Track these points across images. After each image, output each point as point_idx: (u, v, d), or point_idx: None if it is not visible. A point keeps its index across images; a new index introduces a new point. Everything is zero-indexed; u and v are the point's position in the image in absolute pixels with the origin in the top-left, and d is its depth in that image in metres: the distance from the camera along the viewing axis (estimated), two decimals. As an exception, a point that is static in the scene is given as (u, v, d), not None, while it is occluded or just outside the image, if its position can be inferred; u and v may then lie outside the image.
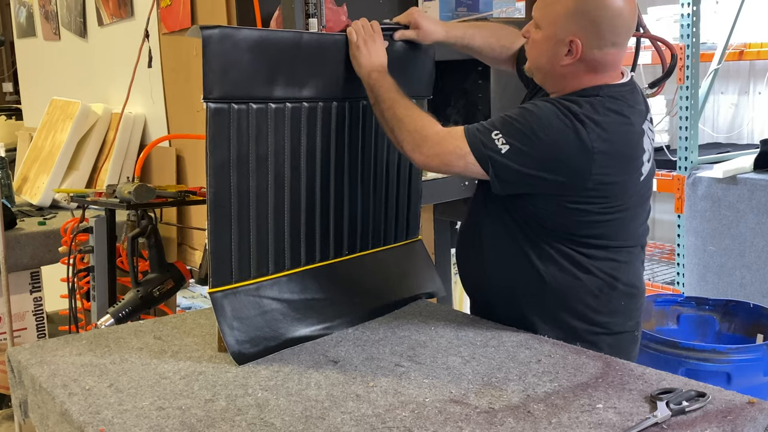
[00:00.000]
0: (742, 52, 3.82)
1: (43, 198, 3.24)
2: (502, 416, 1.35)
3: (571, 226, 1.73)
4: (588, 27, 1.66)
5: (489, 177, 1.67)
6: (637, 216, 1.79)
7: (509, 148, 1.64)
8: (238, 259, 1.69)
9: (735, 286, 3.52)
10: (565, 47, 1.68)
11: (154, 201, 2.26)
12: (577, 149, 1.63)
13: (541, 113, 1.66)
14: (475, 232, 1.88)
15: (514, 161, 1.65)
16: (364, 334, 1.79)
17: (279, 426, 1.34)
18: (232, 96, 1.64)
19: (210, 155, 1.63)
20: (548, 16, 1.70)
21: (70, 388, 1.52)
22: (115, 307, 2.19)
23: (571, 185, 1.67)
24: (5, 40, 5.49)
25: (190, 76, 2.73)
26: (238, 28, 1.69)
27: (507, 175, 1.66)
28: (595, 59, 1.69)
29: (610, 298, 1.77)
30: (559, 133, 1.63)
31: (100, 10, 3.38)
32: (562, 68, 1.70)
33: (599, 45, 1.68)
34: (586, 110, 1.64)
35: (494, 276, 1.83)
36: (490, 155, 1.65)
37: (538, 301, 1.77)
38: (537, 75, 1.79)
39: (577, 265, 1.74)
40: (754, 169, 3.51)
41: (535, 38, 1.74)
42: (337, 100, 1.84)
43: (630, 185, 1.72)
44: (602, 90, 1.70)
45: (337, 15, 2.23)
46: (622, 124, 1.68)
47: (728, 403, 1.37)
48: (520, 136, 1.65)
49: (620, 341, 1.78)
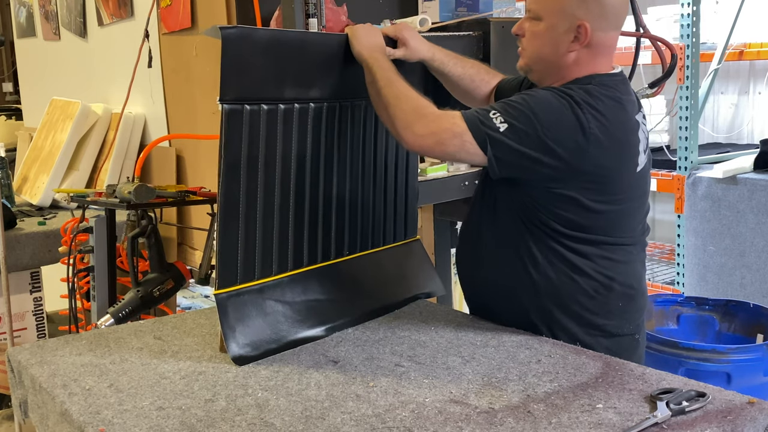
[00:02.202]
0: (742, 52, 3.82)
1: (43, 198, 3.25)
2: (502, 416, 1.35)
3: (567, 219, 1.71)
4: (595, 10, 1.68)
5: (487, 157, 1.66)
6: (634, 212, 1.78)
7: (508, 126, 1.63)
8: (243, 261, 1.69)
9: (735, 286, 3.52)
10: (572, 33, 1.69)
11: (154, 201, 2.26)
12: (574, 129, 1.63)
13: (539, 95, 1.68)
14: (473, 232, 1.88)
15: (513, 139, 1.64)
16: (364, 334, 1.79)
17: (279, 426, 1.34)
18: (246, 97, 1.63)
19: (223, 157, 1.61)
20: (549, 5, 1.71)
21: (70, 388, 1.52)
22: (115, 307, 2.19)
23: (568, 169, 1.66)
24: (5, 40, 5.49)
25: (190, 76, 2.73)
26: (254, 29, 1.68)
27: (505, 154, 1.65)
28: (600, 43, 1.71)
29: (607, 300, 1.76)
30: (557, 113, 1.64)
31: (100, 10, 3.38)
32: (568, 56, 1.71)
33: (605, 27, 1.70)
34: (581, 95, 1.66)
35: (491, 277, 1.83)
36: (488, 133, 1.64)
37: (534, 303, 1.76)
38: (537, 68, 1.78)
39: (571, 265, 1.73)
40: (754, 169, 3.51)
41: (536, 30, 1.73)
42: (340, 101, 1.84)
43: (626, 174, 1.72)
44: (594, 79, 1.71)
45: (337, 15, 2.23)
46: (617, 110, 1.69)
47: (728, 403, 1.37)
48: (518, 114, 1.64)
49: (618, 344, 1.76)
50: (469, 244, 1.91)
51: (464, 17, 2.47)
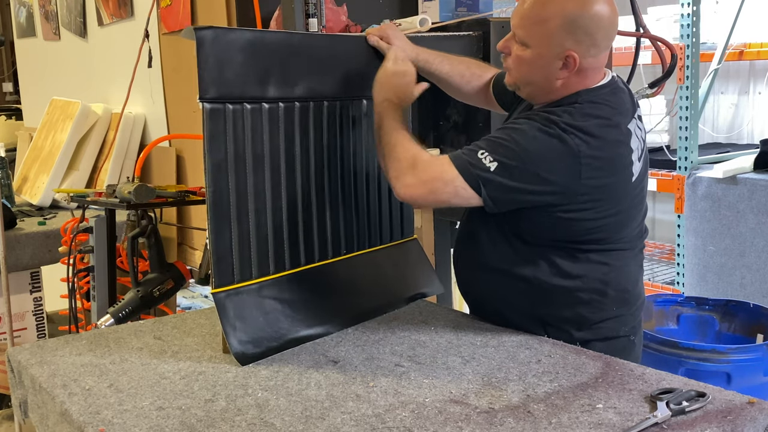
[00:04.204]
0: (742, 52, 3.82)
1: (43, 198, 3.25)
2: (502, 416, 1.35)
3: (567, 235, 1.72)
4: (583, 39, 1.65)
5: (482, 198, 1.65)
6: (632, 219, 1.77)
7: (498, 164, 1.63)
8: (239, 259, 1.69)
9: (735, 286, 3.52)
10: (560, 62, 1.67)
11: (154, 201, 2.26)
12: (564, 155, 1.62)
13: (524, 127, 1.66)
14: (469, 235, 1.87)
15: (505, 177, 1.63)
16: (364, 334, 1.79)
17: (279, 426, 1.34)
18: (227, 96, 1.65)
19: (207, 155, 1.63)
20: (537, 34, 1.68)
21: (70, 388, 1.52)
22: (115, 307, 2.19)
23: (563, 194, 1.66)
24: (5, 40, 5.49)
25: (190, 76, 2.72)
26: (230, 29, 1.70)
27: (499, 193, 1.65)
28: (589, 66, 1.69)
29: (601, 305, 1.76)
30: (544, 143, 1.63)
31: (100, 10, 3.38)
32: (556, 82, 1.70)
33: (594, 54, 1.68)
34: (565, 119, 1.64)
35: (487, 281, 1.83)
36: (479, 174, 1.63)
37: (528, 308, 1.76)
38: (525, 89, 1.77)
39: (565, 273, 1.73)
40: (754, 169, 3.51)
41: (523, 56, 1.71)
42: (328, 100, 1.84)
43: (621, 186, 1.71)
44: (580, 96, 1.69)
45: (337, 15, 2.23)
46: (603, 127, 1.67)
47: (728, 403, 1.37)
48: (506, 151, 1.64)
49: (613, 346, 1.75)
50: (465, 248, 1.90)
51: (464, 17, 2.47)
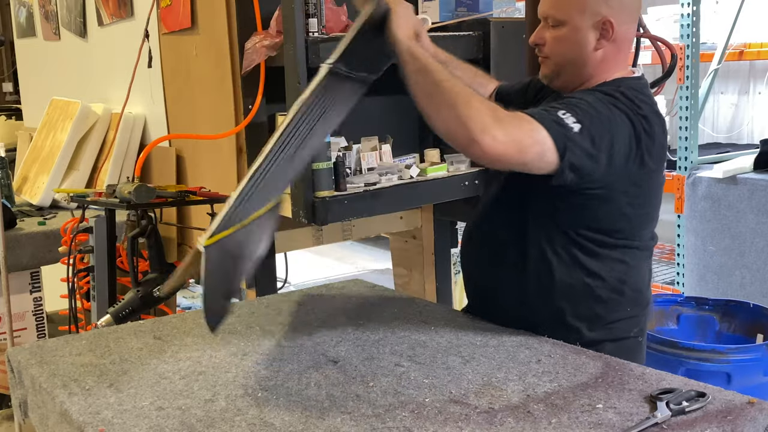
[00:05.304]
0: (742, 52, 3.82)
1: (43, 198, 3.24)
2: (502, 416, 1.35)
3: (595, 221, 1.69)
4: (616, 4, 1.68)
5: (560, 165, 1.53)
6: (651, 219, 1.78)
7: (581, 126, 1.54)
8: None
9: (735, 286, 3.52)
10: (598, 31, 1.68)
11: (154, 201, 2.26)
12: (627, 130, 1.61)
13: (588, 99, 1.62)
14: (485, 233, 1.86)
15: (586, 141, 1.54)
16: (364, 334, 1.79)
17: (279, 426, 1.34)
18: None
19: None
20: (572, 8, 1.69)
21: (70, 388, 1.52)
22: (115, 307, 2.19)
23: (619, 171, 1.61)
24: (5, 40, 5.47)
25: (190, 76, 2.73)
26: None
27: (578, 159, 1.53)
28: (623, 37, 1.71)
29: (618, 305, 1.76)
30: (614, 113, 1.61)
31: (100, 10, 3.38)
32: (595, 55, 1.70)
33: (626, 20, 1.71)
34: (621, 99, 1.64)
35: (505, 278, 1.81)
36: (566, 135, 1.52)
37: (546, 303, 1.76)
38: (563, 73, 1.74)
39: (587, 269, 1.73)
40: (754, 169, 3.52)
41: (559, 35, 1.71)
42: None
43: (658, 177, 1.73)
44: (623, 83, 1.69)
45: (337, 15, 2.23)
46: (654, 114, 1.68)
47: (728, 403, 1.37)
48: (583, 115, 1.56)
49: (624, 346, 1.76)
50: (482, 245, 1.88)
51: (464, 17, 2.47)
